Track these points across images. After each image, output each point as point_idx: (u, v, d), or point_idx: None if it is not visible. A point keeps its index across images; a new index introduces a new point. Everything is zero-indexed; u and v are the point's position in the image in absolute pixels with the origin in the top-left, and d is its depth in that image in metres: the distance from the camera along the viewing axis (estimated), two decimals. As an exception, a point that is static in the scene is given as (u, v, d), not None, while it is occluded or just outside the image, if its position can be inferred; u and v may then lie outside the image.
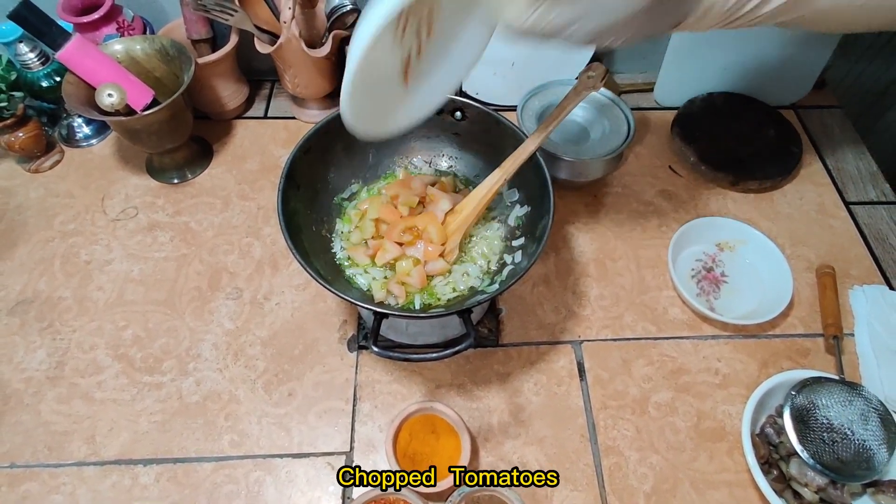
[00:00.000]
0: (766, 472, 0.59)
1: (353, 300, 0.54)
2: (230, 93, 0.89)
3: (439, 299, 0.62)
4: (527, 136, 0.63)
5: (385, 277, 0.63)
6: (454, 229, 0.63)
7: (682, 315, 0.73)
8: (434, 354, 0.50)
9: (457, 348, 0.50)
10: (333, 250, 0.66)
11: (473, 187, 0.66)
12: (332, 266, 0.64)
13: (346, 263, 0.65)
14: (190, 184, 0.85)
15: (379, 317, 0.53)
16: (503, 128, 0.65)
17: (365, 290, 0.63)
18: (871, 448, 0.58)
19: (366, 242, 0.65)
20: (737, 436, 0.64)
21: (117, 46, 0.77)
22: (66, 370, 0.68)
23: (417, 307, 0.61)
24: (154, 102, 0.75)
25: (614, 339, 0.71)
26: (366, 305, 0.54)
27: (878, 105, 1.09)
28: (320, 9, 0.84)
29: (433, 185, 0.68)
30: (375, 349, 0.50)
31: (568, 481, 0.61)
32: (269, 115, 0.95)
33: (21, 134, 0.81)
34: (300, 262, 0.54)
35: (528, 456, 0.63)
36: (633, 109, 0.81)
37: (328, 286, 0.53)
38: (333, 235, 0.67)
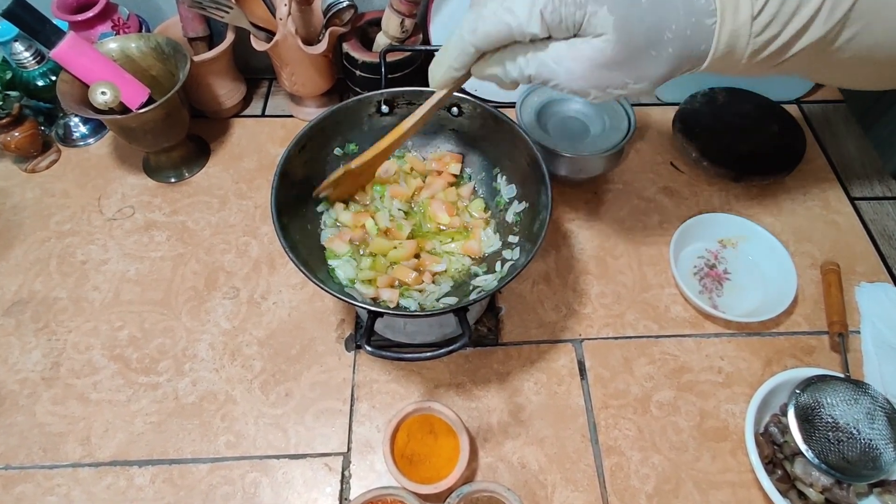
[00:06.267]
0: (770, 472, 0.58)
1: (349, 299, 0.53)
2: (227, 91, 0.89)
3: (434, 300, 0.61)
4: (526, 134, 0.62)
5: (368, 279, 0.62)
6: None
7: (684, 313, 0.72)
8: (428, 353, 0.49)
9: (451, 347, 0.48)
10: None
11: (475, 183, 0.66)
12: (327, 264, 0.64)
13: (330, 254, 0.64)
14: (187, 183, 0.85)
15: (373, 316, 0.52)
16: (501, 124, 0.64)
17: (345, 283, 0.62)
18: (878, 447, 0.57)
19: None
20: (740, 435, 0.63)
21: (112, 45, 0.77)
22: (61, 371, 0.68)
23: (412, 309, 0.60)
24: (150, 101, 0.75)
25: (615, 338, 0.70)
26: (361, 304, 0.53)
27: (883, 101, 1.07)
28: (317, 6, 0.84)
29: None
30: (368, 348, 0.49)
31: (569, 482, 0.61)
32: (266, 113, 0.94)
33: (17, 133, 0.81)
34: (294, 262, 0.54)
35: (529, 456, 0.62)
36: (633, 105, 0.80)
37: (323, 285, 0.53)
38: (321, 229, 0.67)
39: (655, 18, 0.40)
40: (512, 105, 0.83)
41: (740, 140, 0.85)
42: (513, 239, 0.64)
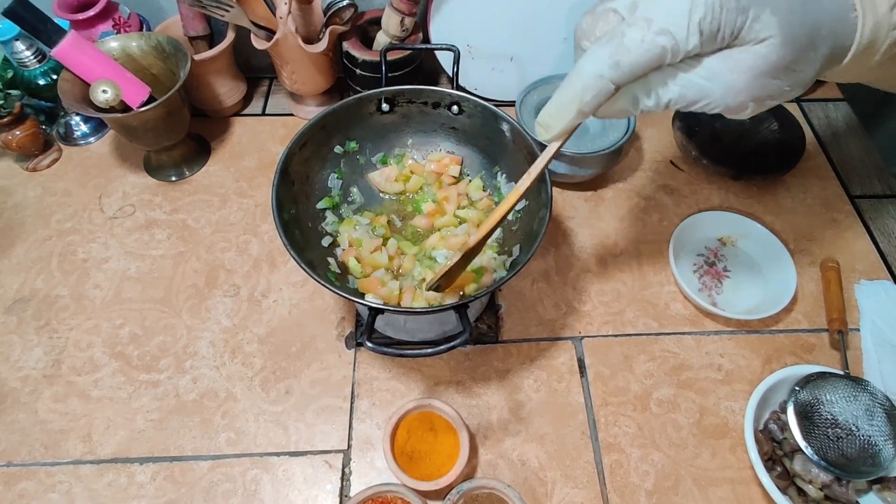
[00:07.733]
0: (769, 469, 0.58)
1: (349, 296, 0.53)
2: (227, 90, 0.89)
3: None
4: (525, 131, 0.62)
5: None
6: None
7: (683, 310, 0.72)
8: (429, 350, 0.49)
9: (452, 344, 0.49)
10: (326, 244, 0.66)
11: (471, 179, 0.67)
12: (327, 261, 0.64)
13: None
14: (187, 181, 0.85)
15: (374, 312, 0.52)
16: (501, 122, 0.65)
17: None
18: (877, 444, 0.57)
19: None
20: (740, 432, 0.63)
21: (113, 44, 0.77)
22: (62, 368, 0.68)
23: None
24: (151, 99, 0.75)
25: (615, 335, 0.71)
26: (361, 301, 0.54)
27: (889, 104, 1.07)
28: (317, 4, 0.84)
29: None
30: (370, 345, 0.49)
31: (569, 479, 0.61)
32: (266, 111, 0.94)
33: (18, 132, 0.81)
34: (295, 259, 0.54)
35: (528, 453, 0.62)
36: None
37: (323, 282, 0.53)
38: (322, 226, 0.67)
39: (811, 17, 0.37)
40: (511, 104, 0.83)
41: (740, 138, 0.85)
42: (512, 237, 0.64)
